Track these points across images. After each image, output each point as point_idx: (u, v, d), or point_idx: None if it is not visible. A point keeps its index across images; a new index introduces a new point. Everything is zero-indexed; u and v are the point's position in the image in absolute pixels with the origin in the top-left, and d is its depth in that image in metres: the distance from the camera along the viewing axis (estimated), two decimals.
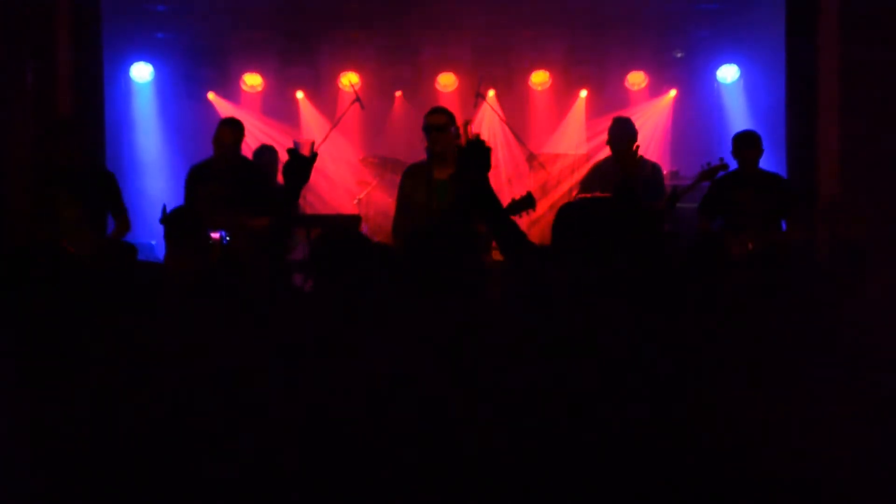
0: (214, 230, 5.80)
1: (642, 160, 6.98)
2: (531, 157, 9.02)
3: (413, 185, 5.76)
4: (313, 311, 2.99)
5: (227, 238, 5.83)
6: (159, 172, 9.41)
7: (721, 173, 6.50)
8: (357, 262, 3.03)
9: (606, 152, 7.13)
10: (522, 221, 6.82)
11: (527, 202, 5.59)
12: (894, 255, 6.17)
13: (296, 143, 3.56)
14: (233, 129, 6.17)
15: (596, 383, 2.54)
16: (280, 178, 8.09)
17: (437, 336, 2.74)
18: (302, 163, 3.44)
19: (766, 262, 5.96)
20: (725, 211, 6.34)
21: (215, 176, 6.11)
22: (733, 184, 6.33)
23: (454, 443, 2.44)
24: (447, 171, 5.64)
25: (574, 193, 7.14)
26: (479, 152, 3.27)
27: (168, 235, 4.29)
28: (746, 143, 6.31)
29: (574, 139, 9.81)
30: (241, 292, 3.42)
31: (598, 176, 6.98)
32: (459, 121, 5.93)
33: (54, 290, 3.47)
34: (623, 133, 6.85)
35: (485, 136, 9.54)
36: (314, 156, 3.49)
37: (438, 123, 5.67)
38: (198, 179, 6.18)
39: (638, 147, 5.08)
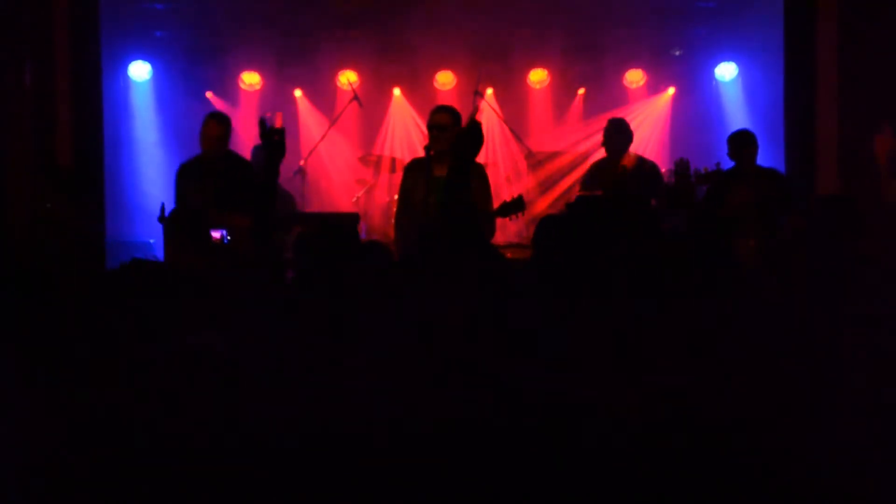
0: (213, 229, 5.76)
1: (640, 159, 7.00)
2: (529, 155, 9.03)
3: (413, 180, 5.78)
4: (301, 307, 3.00)
5: (228, 237, 5.80)
6: (158, 171, 9.38)
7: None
8: (340, 258, 3.04)
9: (603, 152, 7.14)
10: (518, 222, 6.83)
11: (516, 205, 5.61)
12: (893, 254, 6.16)
13: (265, 118, 3.68)
14: (219, 121, 6.09)
15: (592, 387, 2.54)
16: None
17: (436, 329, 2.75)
18: (276, 135, 3.54)
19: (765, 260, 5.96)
20: (725, 209, 6.33)
21: (205, 173, 6.00)
22: (732, 182, 6.33)
23: (452, 442, 2.44)
24: (447, 167, 5.64)
25: (576, 190, 7.13)
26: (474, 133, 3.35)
27: (168, 235, 4.28)
28: (744, 143, 6.33)
29: (572, 137, 9.80)
30: (239, 290, 3.42)
31: (596, 176, 7.00)
32: (465, 119, 5.93)
33: (53, 291, 3.46)
34: (618, 134, 6.88)
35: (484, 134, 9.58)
36: (283, 129, 3.59)
37: (441, 123, 5.68)
38: (187, 177, 6.08)
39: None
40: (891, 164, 6.18)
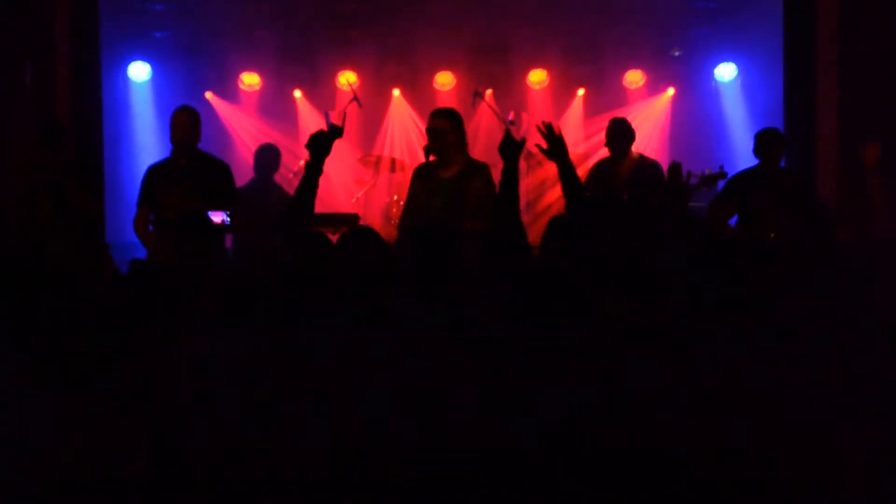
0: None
1: (642, 158, 7.00)
2: (529, 156, 9.02)
3: (420, 184, 5.75)
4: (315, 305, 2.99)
5: (229, 221, 5.76)
6: None
7: (721, 177, 6.46)
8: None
9: (605, 151, 7.13)
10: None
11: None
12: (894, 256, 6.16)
13: (327, 114, 3.99)
14: (188, 112, 5.99)
15: (596, 383, 2.54)
16: (277, 177, 8.09)
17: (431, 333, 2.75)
18: (330, 134, 4.10)
19: (784, 257, 5.92)
20: (744, 206, 6.27)
21: (179, 174, 5.86)
22: (756, 179, 6.26)
23: (448, 440, 2.45)
24: (453, 170, 5.62)
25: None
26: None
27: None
28: (773, 141, 6.26)
29: (572, 138, 9.80)
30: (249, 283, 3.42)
31: (597, 177, 6.98)
32: (467, 123, 5.88)
33: (52, 292, 3.46)
34: (621, 133, 6.87)
35: (483, 133, 9.59)
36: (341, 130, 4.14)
37: (438, 128, 5.63)
38: (159, 179, 5.91)
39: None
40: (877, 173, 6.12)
